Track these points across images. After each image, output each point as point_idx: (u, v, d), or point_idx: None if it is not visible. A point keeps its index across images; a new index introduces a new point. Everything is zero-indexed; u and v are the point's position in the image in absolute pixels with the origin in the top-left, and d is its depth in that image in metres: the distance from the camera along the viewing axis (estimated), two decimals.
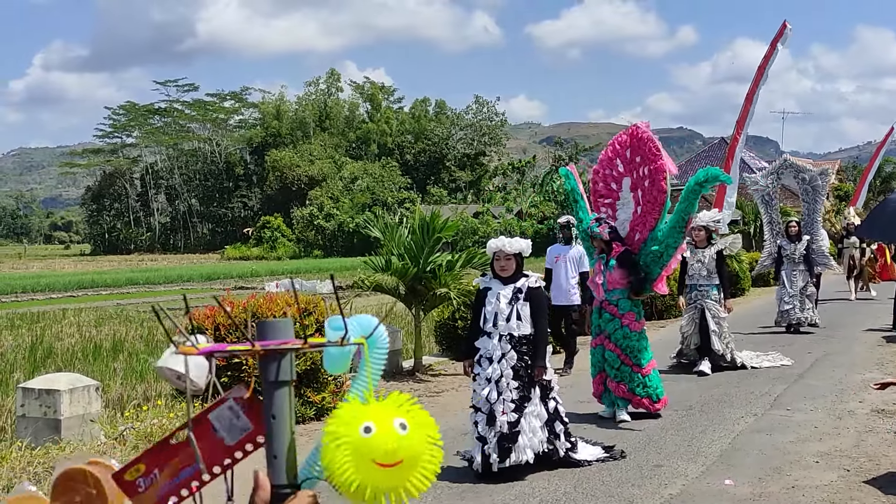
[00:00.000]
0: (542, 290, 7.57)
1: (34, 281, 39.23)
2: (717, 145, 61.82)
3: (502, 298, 7.33)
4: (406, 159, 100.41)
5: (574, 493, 6.92)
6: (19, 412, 8.09)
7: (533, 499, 6.78)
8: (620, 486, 7.09)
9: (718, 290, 12.48)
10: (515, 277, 7.43)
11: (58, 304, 27.98)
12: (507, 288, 7.39)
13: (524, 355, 7.29)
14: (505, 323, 7.28)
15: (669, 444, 8.42)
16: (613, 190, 9.96)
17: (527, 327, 7.31)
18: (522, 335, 7.30)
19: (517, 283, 7.40)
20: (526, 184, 76.34)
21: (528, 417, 7.22)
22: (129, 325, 18.82)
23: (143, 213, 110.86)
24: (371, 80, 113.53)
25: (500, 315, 7.30)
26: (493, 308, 7.35)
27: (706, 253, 12.42)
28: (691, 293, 12.65)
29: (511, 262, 7.43)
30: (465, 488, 7.06)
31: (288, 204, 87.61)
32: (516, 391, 7.21)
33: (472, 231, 59.29)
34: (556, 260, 12.48)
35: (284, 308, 9.67)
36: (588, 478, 7.32)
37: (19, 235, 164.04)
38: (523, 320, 7.31)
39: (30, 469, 6.81)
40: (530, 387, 7.28)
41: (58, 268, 59.33)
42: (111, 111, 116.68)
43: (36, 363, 13.26)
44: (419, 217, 13.31)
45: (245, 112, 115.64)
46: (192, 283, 41.17)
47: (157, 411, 8.88)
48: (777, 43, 20.14)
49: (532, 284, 7.43)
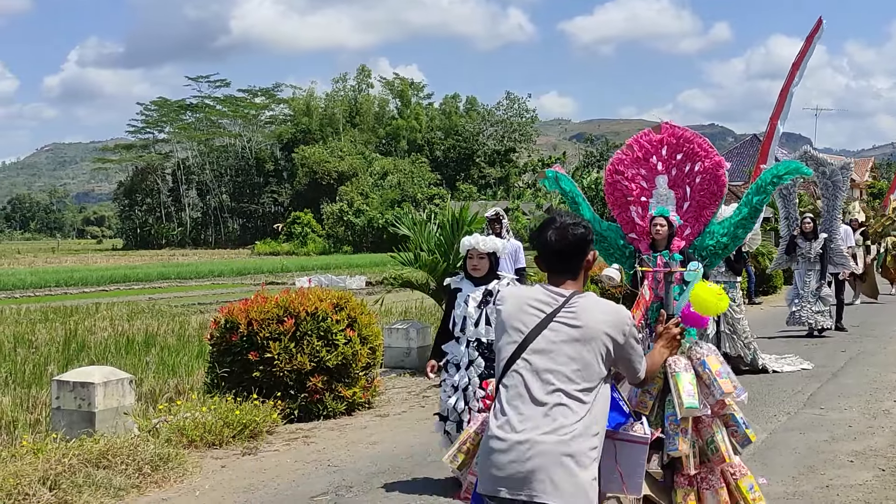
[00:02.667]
0: None
1: (67, 275, 39.59)
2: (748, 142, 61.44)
3: (471, 301, 6.96)
4: (436, 155, 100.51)
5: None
6: (54, 404, 8.17)
7: None
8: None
9: (738, 288, 11.92)
10: (488, 279, 7.04)
11: (91, 298, 28.23)
12: (477, 290, 7.00)
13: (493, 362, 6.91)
14: (473, 328, 6.93)
15: None
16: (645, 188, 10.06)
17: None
18: (491, 340, 6.78)
19: (489, 284, 7.00)
20: None
21: None
22: (160, 320, 18.94)
23: (174, 209, 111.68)
24: (401, 77, 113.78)
25: (469, 319, 6.94)
26: (462, 311, 6.99)
27: None
28: None
29: (484, 261, 7.00)
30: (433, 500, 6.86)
31: (318, 200, 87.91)
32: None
33: None
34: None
35: (317, 303, 9.70)
36: None
37: (53, 230, 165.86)
38: (492, 325, 6.78)
39: (64, 461, 6.87)
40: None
41: (90, 262, 59.87)
42: (143, 107, 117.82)
43: (69, 356, 13.37)
44: (449, 212, 13.31)
45: (276, 108, 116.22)
46: (223, 278, 41.40)
47: (190, 405, 8.93)
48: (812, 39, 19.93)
49: (504, 286, 6.90)
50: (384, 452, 8.22)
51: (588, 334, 3.50)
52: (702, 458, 4.22)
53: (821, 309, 15.42)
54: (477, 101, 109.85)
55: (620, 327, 3.56)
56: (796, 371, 12.16)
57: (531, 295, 3.64)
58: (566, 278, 3.67)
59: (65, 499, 6.53)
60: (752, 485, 4.33)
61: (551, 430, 3.35)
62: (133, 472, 7.11)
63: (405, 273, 12.99)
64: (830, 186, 16.43)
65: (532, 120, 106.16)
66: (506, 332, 3.60)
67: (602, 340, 3.51)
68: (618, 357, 3.60)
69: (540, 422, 3.37)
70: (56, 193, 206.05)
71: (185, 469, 7.51)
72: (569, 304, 3.56)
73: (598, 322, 3.52)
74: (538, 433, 3.35)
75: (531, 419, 3.39)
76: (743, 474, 4.40)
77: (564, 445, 3.33)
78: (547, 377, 3.44)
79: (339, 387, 9.70)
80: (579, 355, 3.47)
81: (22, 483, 6.46)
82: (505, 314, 3.64)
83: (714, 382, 4.30)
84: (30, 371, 12.03)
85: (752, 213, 9.23)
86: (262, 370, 9.34)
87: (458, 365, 6.99)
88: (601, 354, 3.50)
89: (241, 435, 8.58)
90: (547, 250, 3.70)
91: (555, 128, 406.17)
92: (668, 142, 9.88)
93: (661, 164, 9.85)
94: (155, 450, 7.49)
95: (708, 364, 4.32)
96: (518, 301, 3.64)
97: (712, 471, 4.28)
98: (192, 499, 6.91)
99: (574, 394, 3.42)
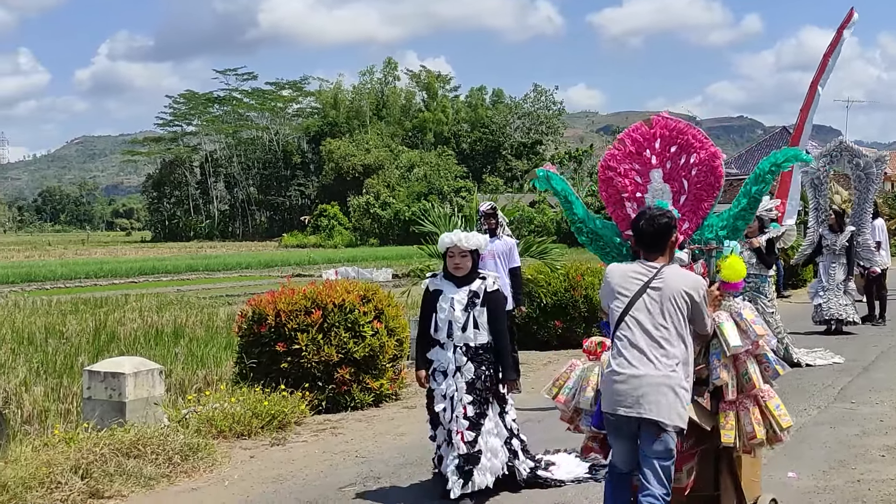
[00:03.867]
0: (500, 293, 6.76)
1: (97, 267, 39.94)
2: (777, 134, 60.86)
3: (457, 304, 6.51)
4: (462, 148, 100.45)
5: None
6: (85, 394, 8.25)
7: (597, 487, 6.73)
8: None
9: (769, 282, 11.60)
10: (470, 278, 6.62)
11: (120, 290, 28.45)
12: (461, 291, 6.57)
13: (482, 366, 6.50)
14: (461, 333, 6.49)
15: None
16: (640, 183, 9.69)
17: (484, 336, 6.52)
18: (480, 345, 6.52)
19: (472, 285, 6.59)
20: (583, 173, 75.86)
21: (486, 436, 6.50)
22: (189, 311, 19.05)
23: (202, 201, 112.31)
24: (427, 69, 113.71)
25: (455, 323, 6.49)
26: (447, 315, 6.52)
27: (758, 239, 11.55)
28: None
29: (467, 259, 6.60)
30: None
31: (344, 192, 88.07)
32: (471, 407, 6.44)
33: (528, 220, 59.06)
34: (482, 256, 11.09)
35: (344, 295, 9.73)
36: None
37: (82, 222, 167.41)
38: (481, 328, 6.53)
39: (96, 450, 6.93)
40: (486, 402, 6.52)
41: (119, 254, 60.33)
42: (172, 100, 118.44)
43: (100, 347, 13.48)
44: (476, 205, 13.28)
45: (303, 101, 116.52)
46: (251, 270, 41.59)
47: (219, 395, 8.99)
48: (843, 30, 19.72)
49: (490, 287, 6.61)
50: (411, 444, 8.24)
51: (674, 295, 4.89)
52: (739, 388, 5.19)
53: (847, 302, 15.03)
54: (503, 93, 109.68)
55: (697, 289, 4.96)
56: (828, 365, 12.06)
57: (632, 268, 5.08)
58: (657, 255, 5.10)
59: (96, 487, 6.59)
60: (778, 404, 5.28)
61: (654, 367, 4.75)
62: (163, 462, 7.17)
63: (432, 265, 12.98)
64: (863, 179, 16.02)
65: (559, 112, 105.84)
66: (615, 297, 4.99)
67: (684, 299, 4.90)
68: (694, 312, 4.94)
69: (646, 361, 4.77)
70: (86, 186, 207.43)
71: (215, 459, 7.57)
72: (659, 273, 4.97)
73: (681, 285, 4.94)
74: (645, 369, 4.76)
75: (639, 359, 4.78)
76: (770, 397, 5.27)
77: (665, 378, 4.75)
78: (648, 329, 4.83)
79: (366, 378, 9.73)
80: (669, 312, 4.86)
81: (54, 471, 6.54)
82: (613, 283, 5.04)
83: (750, 328, 5.21)
84: (61, 361, 12.15)
85: (752, 203, 8.84)
86: (290, 361, 9.38)
87: (445, 372, 6.54)
88: (683, 310, 4.88)
89: (269, 426, 8.63)
90: (641, 235, 5.19)
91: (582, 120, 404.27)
92: (661, 134, 9.55)
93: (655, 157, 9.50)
94: (185, 440, 7.55)
95: (744, 315, 5.27)
96: (623, 272, 5.08)
97: (747, 396, 5.21)
98: (222, 489, 6.96)
99: (668, 339, 4.82)
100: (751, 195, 8.86)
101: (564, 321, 13.80)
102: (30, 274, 35.63)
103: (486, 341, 6.53)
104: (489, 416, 6.51)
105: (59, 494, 6.37)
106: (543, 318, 13.91)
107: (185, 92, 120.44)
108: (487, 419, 6.49)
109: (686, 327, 4.90)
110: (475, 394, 6.45)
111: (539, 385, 11.10)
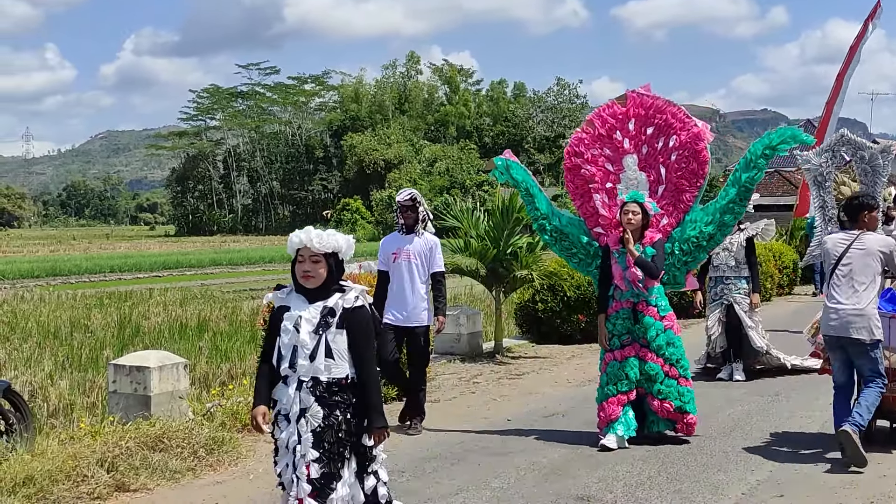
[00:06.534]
0: (366, 311, 4.96)
1: (121, 261, 40.21)
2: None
3: (304, 325, 4.81)
4: (484, 142, 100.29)
5: (658, 477, 6.86)
6: (111, 388, 8.31)
7: (616, 482, 6.73)
8: (706, 471, 7.00)
9: (748, 282, 10.95)
10: (326, 291, 4.89)
11: (144, 284, 28.64)
12: (312, 308, 4.86)
13: (335, 410, 4.78)
14: (308, 363, 4.78)
15: (755, 430, 8.29)
16: (610, 171, 8.29)
17: (342, 368, 4.82)
18: (334, 380, 4.80)
19: (328, 300, 4.87)
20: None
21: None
22: (213, 305, 19.17)
23: (225, 195, 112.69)
24: (450, 63, 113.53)
25: (302, 349, 4.79)
26: (291, 339, 4.82)
27: (734, 240, 10.82)
28: (716, 287, 10.99)
29: (320, 266, 4.87)
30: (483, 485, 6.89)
31: (367, 186, 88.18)
32: (316, 466, 4.74)
33: None
34: (395, 258, 8.57)
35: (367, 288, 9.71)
36: (673, 461, 7.25)
37: (106, 216, 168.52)
38: (336, 357, 4.80)
39: (121, 444, 6.98)
40: (340, 459, 4.80)
41: (144, 248, 60.70)
42: (195, 94, 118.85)
43: (124, 341, 13.58)
44: (499, 199, 13.27)
45: (325, 95, 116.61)
46: (274, 264, 41.73)
47: (243, 389, 9.02)
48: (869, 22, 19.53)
49: (350, 303, 4.89)
50: (436, 437, 8.24)
51: (870, 251, 7.24)
52: None
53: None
54: (525, 86, 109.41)
55: (888, 247, 7.28)
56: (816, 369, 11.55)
57: (840, 237, 7.49)
58: (857, 226, 7.46)
59: (122, 480, 6.63)
60: None
61: (856, 302, 7.09)
62: (188, 455, 7.21)
63: (455, 259, 12.98)
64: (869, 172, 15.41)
65: (583, 106, 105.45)
66: (829, 257, 7.38)
67: (879, 254, 7.24)
68: (888, 262, 7.25)
69: (850, 299, 7.12)
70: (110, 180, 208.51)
71: (239, 452, 7.60)
72: (858, 238, 7.34)
73: (875, 245, 7.29)
74: (850, 305, 7.10)
75: (846, 297, 7.14)
76: None
77: (863, 310, 7.06)
78: (850, 276, 7.19)
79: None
80: (866, 264, 7.20)
81: (80, 465, 6.58)
82: (828, 247, 7.44)
83: None
84: (86, 355, 12.26)
85: (742, 193, 7.78)
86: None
87: (288, 416, 4.86)
88: (879, 261, 7.22)
89: None
90: (846, 212, 7.73)
91: None
92: (635, 114, 8.14)
93: (629, 141, 8.08)
94: (209, 433, 7.58)
95: None
96: (834, 241, 7.47)
97: None
98: (246, 482, 6.99)
99: (865, 283, 7.15)
100: (741, 184, 7.74)
101: (588, 315, 13.78)
102: (55, 268, 35.91)
103: (344, 375, 4.82)
104: (343, 480, 4.82)
105: (86, 487, 6.40)
106: (567, 312, 13.86)
107: (209, 86, 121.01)
108: (341, 484, 4.81)
109: (879, 274, 7.25)
110: (322, 448, 4.76)
111: (562, 380, 11.09)
